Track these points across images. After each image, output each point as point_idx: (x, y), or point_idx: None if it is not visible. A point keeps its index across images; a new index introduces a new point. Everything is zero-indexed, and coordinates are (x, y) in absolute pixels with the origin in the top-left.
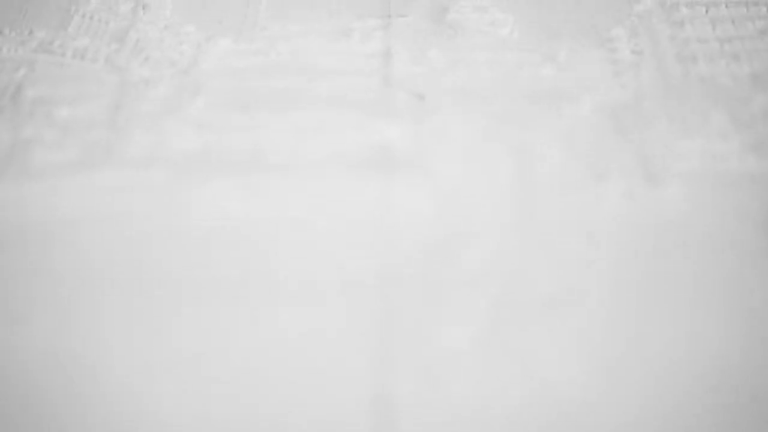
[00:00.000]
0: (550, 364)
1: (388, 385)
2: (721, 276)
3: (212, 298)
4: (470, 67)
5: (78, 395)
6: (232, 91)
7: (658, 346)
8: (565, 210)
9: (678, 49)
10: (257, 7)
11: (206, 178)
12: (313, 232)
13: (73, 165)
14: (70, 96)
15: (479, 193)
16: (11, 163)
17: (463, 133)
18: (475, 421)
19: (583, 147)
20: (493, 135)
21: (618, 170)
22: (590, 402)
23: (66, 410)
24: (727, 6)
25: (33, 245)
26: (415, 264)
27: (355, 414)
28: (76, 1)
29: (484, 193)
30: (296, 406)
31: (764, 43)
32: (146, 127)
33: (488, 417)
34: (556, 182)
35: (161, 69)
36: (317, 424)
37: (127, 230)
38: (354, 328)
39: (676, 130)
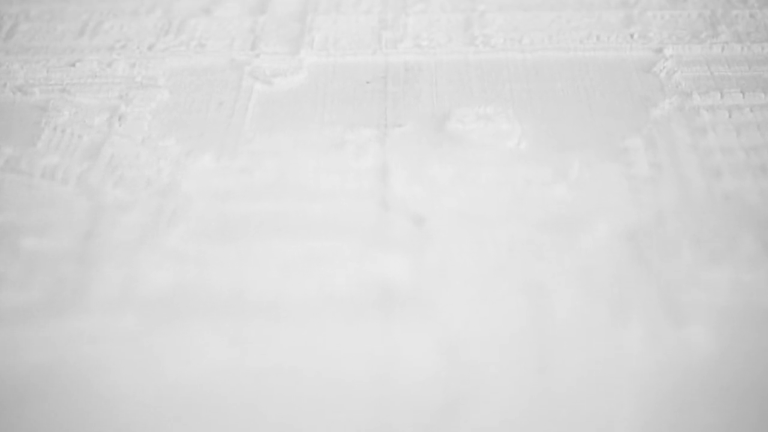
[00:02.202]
0: None
1: None
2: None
3: None
4: (474, 186)
5: None
6: (212, 216)
7: None
8: (582, 360)
9: (700, 159)
10: (242, 117)
11: (182, 324)
12: (301, 386)
13: (39, 308)
14: (38, 224)
15: (487, 339)
16: None
17: (468, 267)
18: None
19: (601, 281)
20: (501, 269)
21: (639, 309)
22: None
23: None
24: (752, 110)
25: None
26: (416, 429)
27: None
28: (47, 113)
29: (492, 339)
30: None
31: None
32: (119, 261)
33: None
34: (571, 326)
35: (137, 190)
36: None
37: (96, 384)
38: None
39: (701, 257)
